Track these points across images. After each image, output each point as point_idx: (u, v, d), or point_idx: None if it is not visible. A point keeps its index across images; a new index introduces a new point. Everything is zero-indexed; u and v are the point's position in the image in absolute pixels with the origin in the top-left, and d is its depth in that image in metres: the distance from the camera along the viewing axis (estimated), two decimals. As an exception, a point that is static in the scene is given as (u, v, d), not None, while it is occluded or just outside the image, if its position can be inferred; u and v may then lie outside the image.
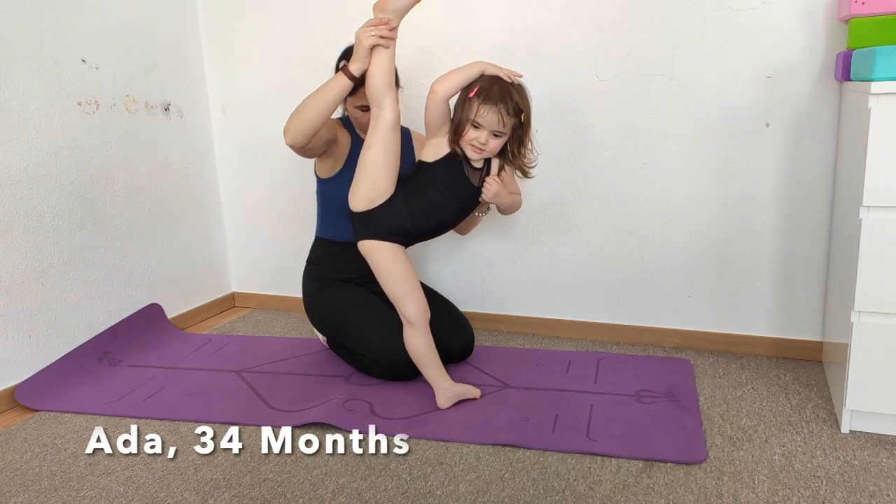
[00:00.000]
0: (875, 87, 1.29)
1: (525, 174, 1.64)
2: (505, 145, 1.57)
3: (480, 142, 1.52)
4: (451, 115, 1.57)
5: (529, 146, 1.60)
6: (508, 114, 1.50)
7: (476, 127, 1.51)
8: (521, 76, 1.56)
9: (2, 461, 1.47)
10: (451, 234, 2.12)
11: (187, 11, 2.29)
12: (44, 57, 1.81)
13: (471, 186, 1.62)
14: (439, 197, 1.59)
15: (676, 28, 1.82)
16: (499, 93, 1.49)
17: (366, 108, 1.71)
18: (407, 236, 1.62)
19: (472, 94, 1.50)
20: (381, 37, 1.51)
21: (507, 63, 1.97)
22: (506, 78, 1.53)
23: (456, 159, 1.59)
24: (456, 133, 1.54)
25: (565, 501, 1.25)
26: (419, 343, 1.61)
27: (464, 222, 1.75)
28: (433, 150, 1.60)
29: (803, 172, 1.79)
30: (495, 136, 1.53)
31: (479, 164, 1.62)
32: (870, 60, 1.31)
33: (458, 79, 1.52)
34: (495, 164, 1.65)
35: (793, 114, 1.76)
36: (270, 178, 2.37)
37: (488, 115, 1.49)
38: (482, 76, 1.53)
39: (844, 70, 1.55)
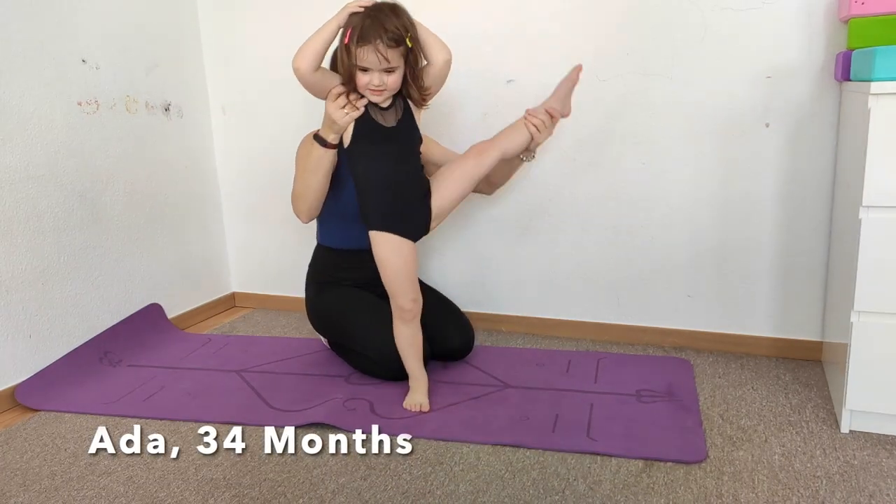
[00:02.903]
0: (875, 87, 1.29)
1: (423, 101, 1.51)
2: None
3: (375, 84, 1.41)
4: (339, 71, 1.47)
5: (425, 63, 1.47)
6: (388, 47, 1.37)
7: (364, 71, 1.41)
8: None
9: (2, 461, 1.47)
10: (450, 235, 2.14)
11: (187, 11, 2.29)
12: (44, 57, 1.81)
13: (390, 130, 1.50)
14: (381, 164, 1.49)
15: (676, 28, 1.81)
16: (371, 28, 1.36)
17: None
18: (406, 222, 1.54)
19: (346, 41, 1.39)
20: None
21: (506, 63, 2.00)
22: (360, 9, 1.39)
23: (363, 117, 1.48)
24: (351, 84, 1.44)
25: (565, 501, 1.26)
26: (399, 335, 1.62)
27: (505, 169, 1.65)
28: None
29: (803, 172, 1.79)
30: (388, 72, 1.41)
31: (386, 104, 1.50)
32: (869, 60, 1.31)
33: (316, 44, 1.41)
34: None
35: (793, 114, 1.76)
36: (271, 178, 2.37)
37: (368, 56, 1.38)
38: (350, 17, 1.40)
39: (844, 70, 1.54)
